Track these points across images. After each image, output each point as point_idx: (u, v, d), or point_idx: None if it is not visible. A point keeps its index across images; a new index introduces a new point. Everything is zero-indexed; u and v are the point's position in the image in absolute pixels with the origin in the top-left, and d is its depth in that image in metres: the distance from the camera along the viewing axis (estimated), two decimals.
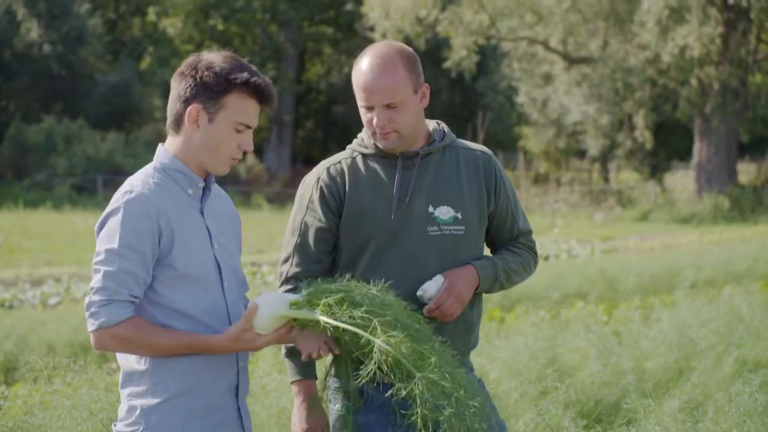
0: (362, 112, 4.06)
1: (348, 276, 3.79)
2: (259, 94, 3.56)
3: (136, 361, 3.55)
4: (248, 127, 3.59)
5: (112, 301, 3.42)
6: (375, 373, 3.56)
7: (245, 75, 3.53)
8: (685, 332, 7.93)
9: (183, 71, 3.58)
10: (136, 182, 3.55)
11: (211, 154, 3.58)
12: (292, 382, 4.10)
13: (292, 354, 4.08)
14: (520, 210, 4.29)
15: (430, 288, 3.96)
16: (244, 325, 3.49)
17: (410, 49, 4.09)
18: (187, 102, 3.55)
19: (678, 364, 7.36)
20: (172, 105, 3.60)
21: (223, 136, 3.56)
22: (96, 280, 3.45)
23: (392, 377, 3.53)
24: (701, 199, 35.67)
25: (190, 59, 3.60)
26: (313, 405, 4.08)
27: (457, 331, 4.10)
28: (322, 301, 3.58)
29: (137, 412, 3.53)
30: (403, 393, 3.50)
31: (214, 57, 3.57)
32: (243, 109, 3.55)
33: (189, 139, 3.59)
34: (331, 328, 3.56)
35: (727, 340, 7.83)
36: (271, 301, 3.55)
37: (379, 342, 3.50)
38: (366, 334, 3.51)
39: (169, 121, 3.62)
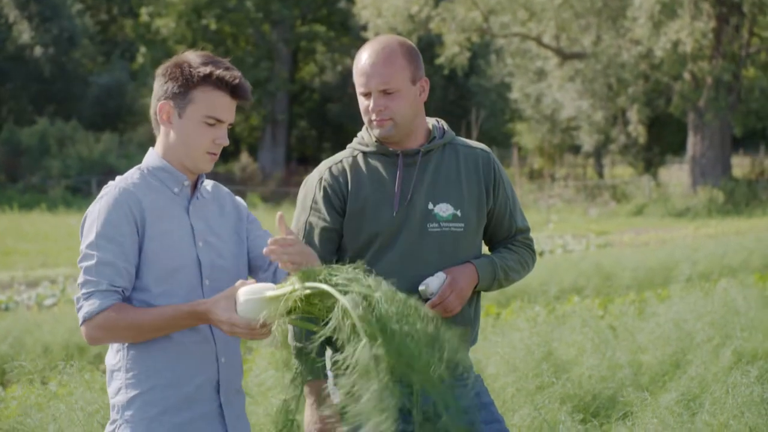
0: (360, 100, 4.09)
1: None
2: (227, 87, 3.56)
3: (114, 357, 3.57)
4: (219, 120, 3.58)
5: (93, 293, 3.44)
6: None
7: (209, 68, 3.54)
8: (682, 325, 7.93)
9: (158, 72, 3.64)
10: (115, 180, 3.59)
11: (186, 149, 3.59)
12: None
13: (302, 354, 4.08)
14: (518, 208, 4.30)
15: (432, 283, 3.97)
16: (229, 292, 3.41)
17: (412, 43, 4.13)
18: (158, 100, 3.60)
19: (675, 357, 7.36)
20: (151, 105, 3.65)
21: (194, 130, 3.57)
22: (79, 277, 3.48)
23: (346, 340, 3.24)
24: (696, 193, 35.70)
25: (170, 60, 3.65)
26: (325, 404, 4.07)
27: (456, 328, 4.10)
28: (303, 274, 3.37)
29: (116, 408, 3.56)
30: (341, 357, 3.21)
31: (191, 55, 3.61)
32: (211, 103, 3.55)
33: (166, 136, 3.62)
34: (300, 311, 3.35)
35: (723, 332, 7.82)
36: (255, 288, 3.45)
37: (344, 299, 3.24)
38: (332, 290, 3.26)
39: (152, 122, 3.67)
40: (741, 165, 46.16)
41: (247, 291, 3.42)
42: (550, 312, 10.53)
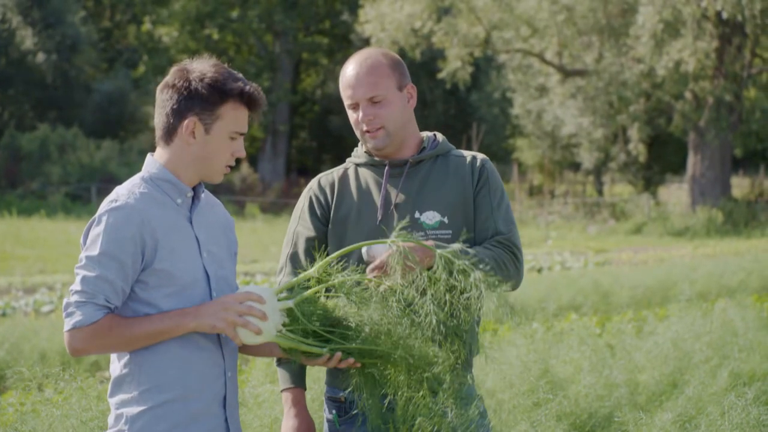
0: (350, 114, 4.11)
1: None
2: (251, 102, 3.61)
3: (124, 369, 3.57)
4: (241, 134, 3.64)
5: (88, 303, 3.45)
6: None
7: (239, 85, 3.57)
8: (679, 345, 7.91)
9: (174, 83, 3.58)
10: (122, 191, 3.56)
11: (209, 164, 3.63)
12: (282, 390, 4.10)
13: (283, 363, 4.08)
14: (503, 214, 4.12)
15: (377, 250, 3.77)
16: (227, 297, 3.56)
17: (394, 54, 4.15)
18: (181, 114, 3.56)
19: (672, 377, 7.34)
20: (164, 118, 3.60)
21: (220, 145, 3.61)
22: (75, 284, 3.49)
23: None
24: (695, 212, 35.70)
25: (177, 70, 3.60)
26: (302, 413, 4.07)
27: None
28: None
29: (123, 419, 3.56)
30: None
31: (204, 67, 3.58)
32: (237, 118, 3.60)
33: (182, 150, 3.61)
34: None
35: (721, 353, 7.81)
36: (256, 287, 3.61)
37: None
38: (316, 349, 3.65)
39: (160, 133, 3.63)
40: (740, 186, 46.21)
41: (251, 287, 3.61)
42: (548, 329, 10.52)
